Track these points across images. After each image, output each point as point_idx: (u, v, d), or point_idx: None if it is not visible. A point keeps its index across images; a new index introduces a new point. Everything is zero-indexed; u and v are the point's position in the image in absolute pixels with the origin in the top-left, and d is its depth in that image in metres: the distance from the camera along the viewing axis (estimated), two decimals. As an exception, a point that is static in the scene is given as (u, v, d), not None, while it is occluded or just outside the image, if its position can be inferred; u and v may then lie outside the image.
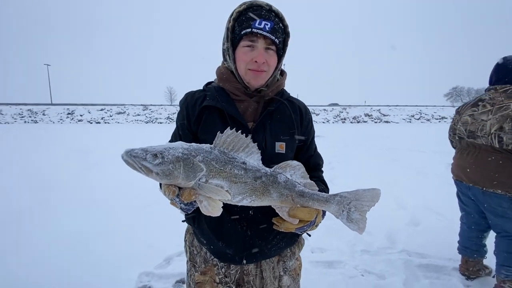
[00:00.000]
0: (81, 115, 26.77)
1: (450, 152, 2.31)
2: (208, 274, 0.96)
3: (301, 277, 1.09)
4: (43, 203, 3.60)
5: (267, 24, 0.81)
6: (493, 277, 1.91)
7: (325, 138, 11.55)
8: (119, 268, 2.18)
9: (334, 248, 2.52)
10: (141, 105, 30.22)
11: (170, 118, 26.73)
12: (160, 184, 0.82)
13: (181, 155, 0.64)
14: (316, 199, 0.75)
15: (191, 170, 0.64)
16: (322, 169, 1.06)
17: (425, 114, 29.21)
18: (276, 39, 0.83)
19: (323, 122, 26.77)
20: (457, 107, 2.14)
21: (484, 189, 1.86)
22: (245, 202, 0.71)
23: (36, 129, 16.92)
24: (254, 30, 0.80)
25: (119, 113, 27.73)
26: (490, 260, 2.07)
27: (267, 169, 0.74)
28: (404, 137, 12.34)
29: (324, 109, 30.01)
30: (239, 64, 0.87)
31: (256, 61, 0.83)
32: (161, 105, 31.04)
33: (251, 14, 0.82)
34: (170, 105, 33.39)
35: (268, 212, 0.84)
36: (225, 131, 0.71)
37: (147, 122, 26.13)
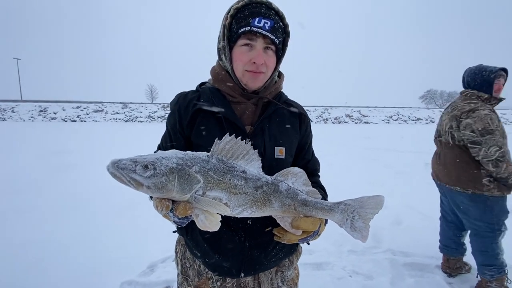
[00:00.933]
0: (54, 113, 25.30)
1: (427, 152, 2.39)
2: None
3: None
4: (14, 208, 3.33)
5: (266, 23, 0.76)
6: (477, 276, 1.99)
7: (308, 138, 11.68)
8: (99, 277, 2.05)
9: (322, 249, 2.52)
10: (120, 103, 29.07)
11: (151, 117, 25.95)
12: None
13: (175, 166, 0.58)
14: (320, 208, 0.72)
15: (186, 182, 0.58)
16: (319, 173, 1.03)
17: (402, 115, 30.47)
18: (276, 39, 0.79)
19: (306, 122, 27.17)
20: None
21: (448, 186, 1.99)
22: (245, 214, 0.66)
23: (4, 128, 15.76)
24: (253, 28, 0.75)
25: (97, 111, 26.53)
26: (470, 257, 2.15)
27: (268, 177, 0.69)
28: (383, 138, 12.79)
29: (307, 110, 30.41)
30: (236, 64, 0.81)
31: (254, 62, 0.78)
32: (141, 103, 30.00)
33: (250, 11, 0.76)
34: (151, 103, 32.35)
35: (268, 222, 0.79)
36: (224, 137, 0.65)
37: (126, 121, 25.19)
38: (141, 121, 25.17)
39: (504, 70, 1.90)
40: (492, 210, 1.84)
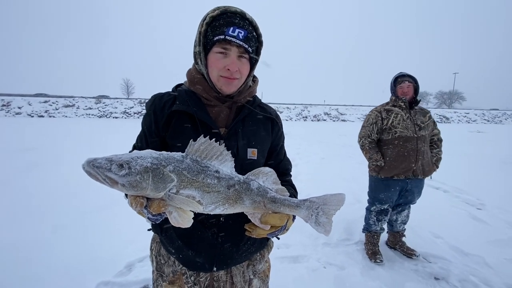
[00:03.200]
0: (19, 107, 23.53)
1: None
2: (177, 283, 0.93)
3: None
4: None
5: (240, 32, 0.79)
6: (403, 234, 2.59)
7: (288, 136, 11.89)
8: (74, 278, 1.99)
9: (298, 243, 2.63)
10: (93, 97, 27.66)
11: (127, 113, 24.97)
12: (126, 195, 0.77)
13: (150, 165, 0.60)
14: (287, 204, 0.76)
15: (160, 181, 0.60)
16: (291, 173, 1.09)
17: (377, 114, 31.87)
18: (249, 48, 0.82)
19: (286, 120, 27.55)
20: None
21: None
22: (218, 211, 0.70)
23: (-40, 123, 14.43)
24: (228, 37, 0.78)
25: (67, 106, 25.03)
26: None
27: (240, 176, 0.73)
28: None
29: (287, 107, 30.90)
30: (211, 70, 0.84)
31: (228, 69, 0.81)
32: (117, 98, 28.74)
33: (225, 21, 0.80)
34: (127, 98, 31.04)
35: (240, 218, 0.83)
36: (198, 139, 0.68)
37: (100, 117, 24.04)
38: (116, 117, 24.15)
39: (409, 76, 2.35)
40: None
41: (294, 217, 0.85)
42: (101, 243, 2.48)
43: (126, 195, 0.78)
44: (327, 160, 6.78)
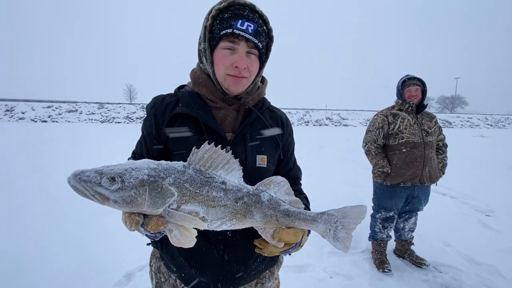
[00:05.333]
0: (23, 113, 23.68)
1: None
2: None
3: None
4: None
5: (250, 26, 0.72)
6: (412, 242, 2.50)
7: (290, 140, 11.81)
8: (70, 289, 1.92)
9: (303, 251, 2.49)
10: (96, 102, 27.79)
11: (129, 118, 25.04)
12: None
13: (146, 178, 0.53)
14: (303, 218, 0.70)
15: (159, 196, 0.53)
16: (301, 181, 1.01)
17: (379, 119, 31.78)
18: (259, 43, 0.75)
19: (288, 125, 27.50)
20: None
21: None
22: (224, 227, 0.63)
23: (-36, 128, 14.51)
24: (236, 31, 0.71)
25: (70, 111, 25.17)
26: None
27: (249, 187, 0.67)
28: (361, 140, 13.17)
29: (289, 112, 30.87)
30: (218, 68, 0.77)
31: (236, 66, 0.74)
32: (119, 103, 28.85)
33: (232, 13, 0.73)
34: (130, 103, 31.16)
35: (249, 233, 0.76)
36: (202, 146, 0.61)
37: (102, 122, 24.12)
38: (118, 122, 24.22)
39: (418, 79, 2.27)
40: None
41: (309, 232, 0.78)
42: (99, 251, 2.41)
43: None
44: (331, 165, 6.69)
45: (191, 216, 0.56)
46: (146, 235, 0.59)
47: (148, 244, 0.89)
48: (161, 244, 0.82)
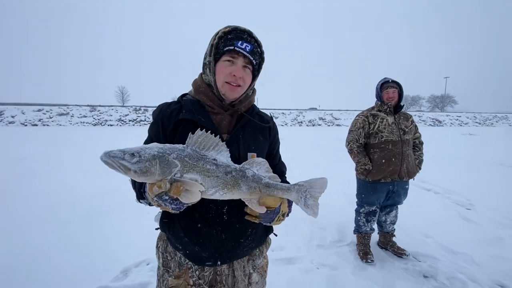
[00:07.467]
0: (12, 116, 23.30)
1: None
2: (182, 278, 1.00)
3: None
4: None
5: (247, 46, 0.92)
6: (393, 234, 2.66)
7: (284, 141, 11.98)
8: (71, 284, 2.01)
9: (292, 245, 2.68)
10: (88, 105, 27.53)
11: (122, 120, 24.89)
12: (137, 195, 0.87)
13: (156, 153, 0.70)
14: (280, 188, 0.85)
15: (166, 166, 0.70)
16: (286, 175, 1.18)
17: (371, 118, 32.25)
18: (253, 60, 0.94)
19: (282, 125, 27.70)
20: None
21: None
22: (217, 195, 0.78)
23: (-48, 133, 14.24)
24: (236, 48, 0.90)
25: (61, 114, 24.85)
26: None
27: (236, 165, 0.82)
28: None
29: (283, 113, 31.12)
30: (218, 76, 0.94)
31: (234, 75, 0.92)
32: (111, 105, 28.63)
33: (235, 35, 0.92)
34: (122, 106, 30.91)
35: (241, 217, 0.94)
36: (196, 132, 0.77)
37: (95, 125, 23.90)
38: (111, 125, 24.04)
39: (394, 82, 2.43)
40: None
41: (290, 205, 0.95)
42: (97, 250, 2.50)
43: (137, 196, 0.88)
44: (322, 164, 6.87)
45: (192, 182, 0.71)
46: (172, 208, 0.74)
47: (156, 229, 1.06)
48: (168, 228, 0.98)
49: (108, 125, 23.87)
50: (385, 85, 2.43)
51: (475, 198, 4.18)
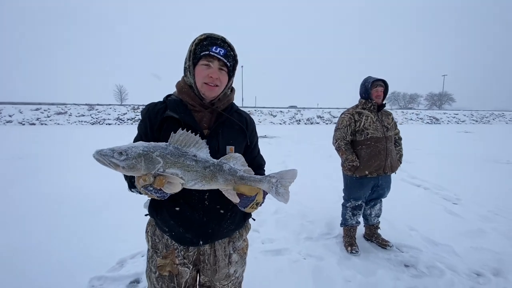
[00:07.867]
0: (10, 115, 23.31)
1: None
2: (169, 258, 1.12)
3: (253, 266, 1.29)
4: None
5: (221, 50, 1.03)
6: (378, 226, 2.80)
7: (281, 139, 12.13)
8: (68, 275, 2.12)
9: (282, 238, 2.80)
10: (86, 104, 27.53)
11: (120, 119, 24.93)
12: (128, 185, 1.00)
13: (141, 152, 0.80)
14: (253, 180, 0.96)
15: (150, 163, 0.80)
16: (264, 168, 1.29)
17: (368, 116, 32.38)
18: (227, 62, 1.05)
19: (280, 124, 27.81)
20: None
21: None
22: (197, 187, 0.89)
23: (-50, 132, 14.27)
24: (211, 53, 1.01)
25: (59, 113, 24.87)
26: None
27: (214, 160, 0.92)
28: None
29: (281, 111, 31.22)
30: (198, 78, 1.05)
31: (211, 76, 1.03)
32: (110, 104, 28.64)
33: (209, 41, 1.03)
34: (120, 104, 30.91)
35: (221, 203, 1.06)
36: (178, 131, 0.87)
37: (93, 124, 23.94)
38: (109, 124, 24.09)
39: (382, 81, 2.51)
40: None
41: (264, 195, 1.05)
42: (93, 243, 2.61)
43: (129, 186, 1.00)
44: (317, 162, 6.99)
45: (173, 176, 0.82)
46: (157, 196, 0.84)
47: (146, 215, 1.18)
48: (156, 213, 1.10)
49: (106, 124, 23.91)
50: (375, 83, 2.50)
51: (462, 193, 4.30)
